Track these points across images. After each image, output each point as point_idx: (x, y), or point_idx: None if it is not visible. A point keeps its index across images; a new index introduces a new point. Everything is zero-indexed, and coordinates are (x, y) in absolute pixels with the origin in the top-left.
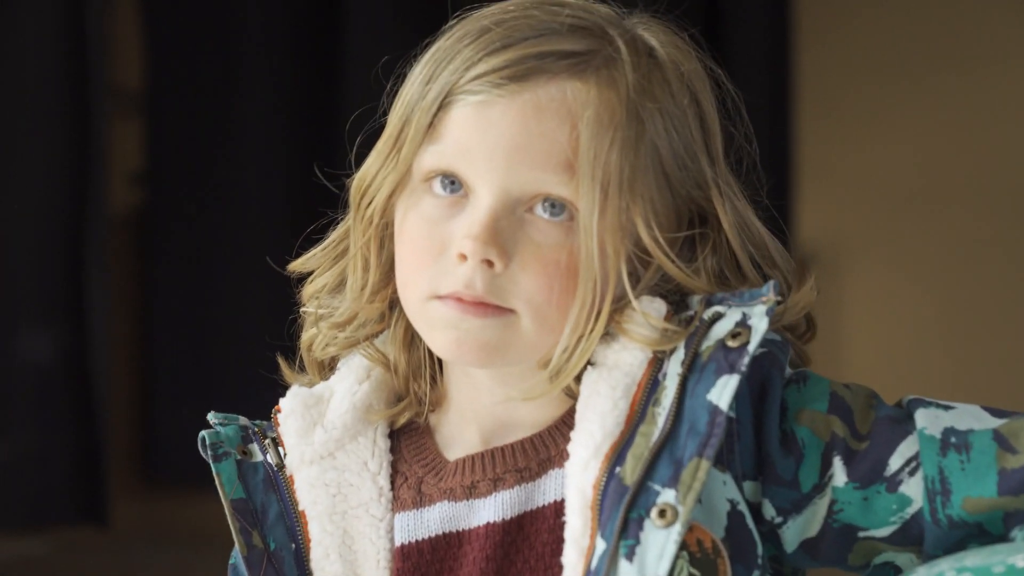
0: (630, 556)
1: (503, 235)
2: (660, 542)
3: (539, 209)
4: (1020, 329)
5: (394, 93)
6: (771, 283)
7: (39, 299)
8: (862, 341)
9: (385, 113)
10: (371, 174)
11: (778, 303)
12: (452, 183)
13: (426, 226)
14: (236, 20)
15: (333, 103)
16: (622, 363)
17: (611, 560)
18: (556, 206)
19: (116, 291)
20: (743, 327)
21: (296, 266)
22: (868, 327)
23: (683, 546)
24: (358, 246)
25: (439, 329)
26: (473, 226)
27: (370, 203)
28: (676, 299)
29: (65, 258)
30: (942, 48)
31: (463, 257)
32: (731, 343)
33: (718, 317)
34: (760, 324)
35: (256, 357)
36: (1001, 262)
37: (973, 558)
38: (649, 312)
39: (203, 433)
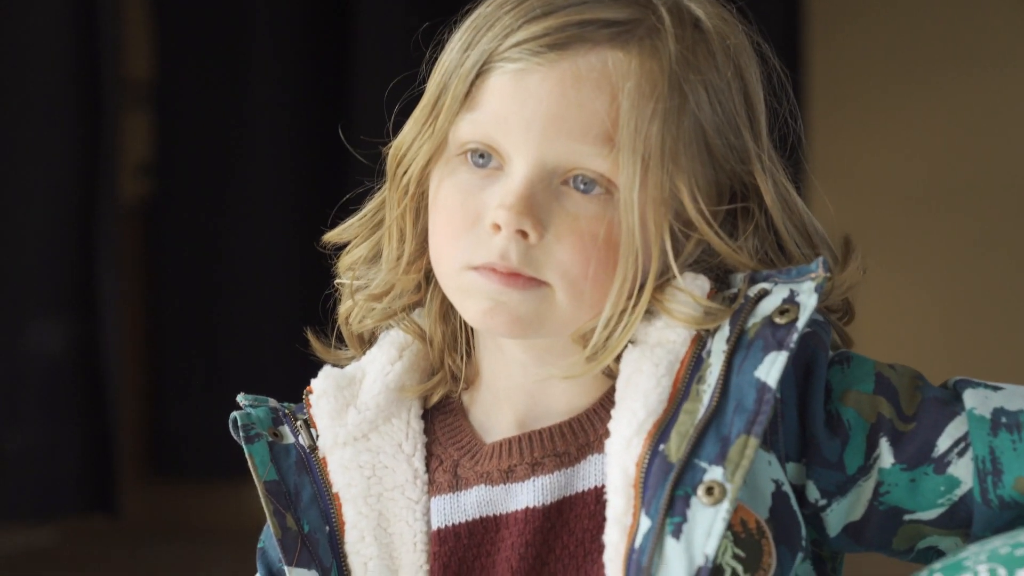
0: (676, 533)
1: (538, 206)
2: (708, 520)
3: (573, 183)
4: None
5: (433, 61)
6: (820, 259)
7: (50, 290)
8: (868, 340)
9: (424, 80)
10: (407, 143)
11: (827, 280)
12: (482, 157)
13: (460, 196)
14: (244, 12)
15: (341, 95)
16: (665, 341)
17: (657, 538)
18: (587, 183)
19: (125, 282)
20: (791, 304)
21: (332, 237)
22: (874, 326)
23: (728, 526)
24: (394, 216)
25: (473, 298)
26: (507, 196)
27: (406, 172)
28: (717, 276)
29: (75, 250)
30: (950, 49)
31: (497, 228)
32: (779, 320)
33: (765, 294)
34: (809, 301)
35: (265, 348)
36: (1007, 263)
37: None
38: (692, 290)
39: (234, 414)
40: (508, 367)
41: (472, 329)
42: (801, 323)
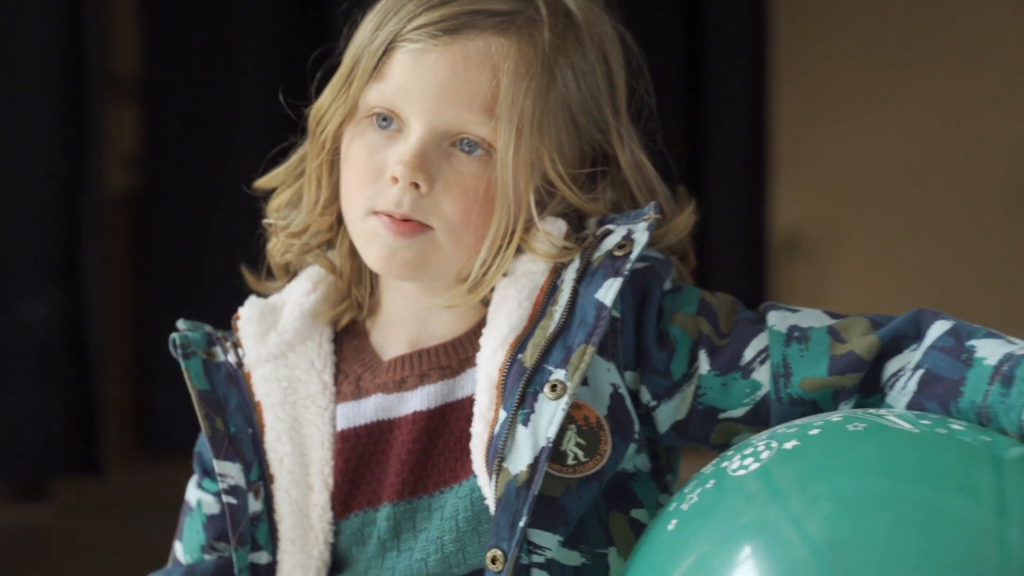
0: (526, 422)
1: (429, 163)
2: (551, 410)
3: (459, 145)
4: (998, 313)
5: (349, 37)
6: (652, 204)
7: (39, 269)
8: None
9: (341, 53)
10: (325, 106)
11: (658, 221)
12: (386, 120)
13: (367, 153)
14: (231, 6)
15: (325, 87)
16: (528, 273)
17: (510, 426)
18: (471, 145)
19: (114, 267)
20: (628, 240)
21: (261, 183)
22: (849, 311)
23: (572, 419)
24: (312, 167)
25: (372, 245)
26: (405, 154)
27: (323, 131)
28: (576, 221)
29: (63, 232)
30: (921, 39)
31: (395, 180)
32: (617, 253)
33: (608, 233)
34: (641, 237)
35: None
36: (980, 248)
37: (800, 420)
38: (551, 232)
39: (173, 335)
40: (403, 298)
41: None
42: (634, 255)
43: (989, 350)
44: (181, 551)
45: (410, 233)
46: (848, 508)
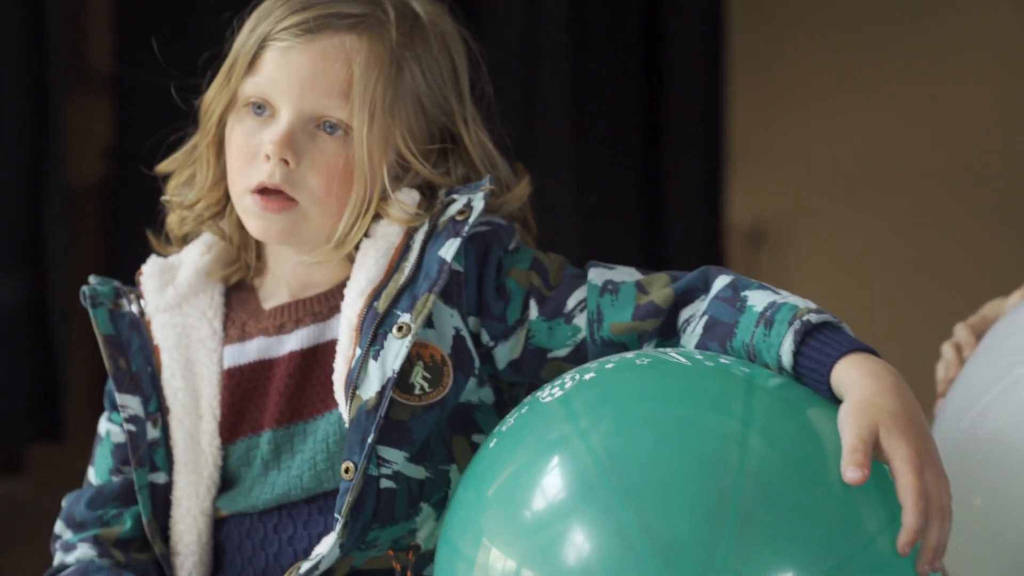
0: (376, 356)
1: (296, 142)
2: (397, 347)
3: (322, 127)
4: (952, 300)
5: (233, 39)
6: (488, 177)
7: (4, 253)
8: None
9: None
10: (211, 98)
11: (495, 192)
12: (260, 108)
13: (245, 136)
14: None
15: None
16: (386, 235)
17: (363, 361)
18: (332, 126)
19: (86, 252)
20: (467, 207)
21: (162, 167)
22: (812, 299)
23: (420, 357)
24: (201, 150)
25: (250, 218)
26: (275, 135)
27: (209, 119)
28: (430, 193)
29: (28, 217)
30: (881, 33)
31: (267, 157)
32: (458, 217)
33: (452, 201)
34: (478, 204)
35: None
36: (936, 238)
37: (604, 358)
38: (405, 201)
39: (83, 288)
40: (283, 257)
41: None
42: (472, 219)
43: (758, 299)
44: (93, 475)
45: (278, 209)
46: (624, 425)
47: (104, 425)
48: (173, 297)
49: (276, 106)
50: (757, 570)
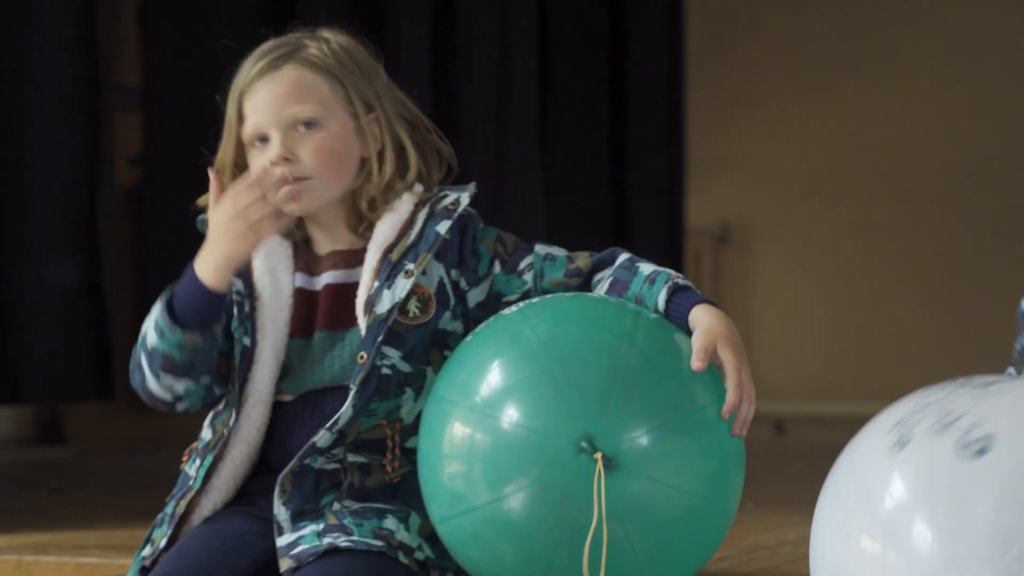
0: (388, 288)
1: (289, 145)
2: (403, 284)
3: (303, 127)
4: (903, 293)
5: (224, 98)
6: (472, 184)
7: (66, 241)
8: (770, 313)
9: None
10: (222, 150)
11: (475, 193)
12: (261, 140)
13: (259, 160)
14: (220, 25)
15: None
16: (398, 211)
17: (379, 290)
18: (307, 123)
19: (120, 246)
20: (457, 201)
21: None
22: (775, 300)
23: (415, 293)
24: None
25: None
26: (275, 147)
27: (226, 166)
28: (427, 190)
29: (84, 215)
30: (837, 40)
31: (275, 163)
32: (451, 206)
33: (446, 195)
34: (465, 200)
35: None
36: (889, 238)
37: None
38: (412, 191)
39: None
40: (324, 220)
41: None
42: (461, 208)
43: (646, 268)
44: None
45: (298, 184)
46: (557, 323)
47: None
48: (264, 249)
49: (268, 133)
50: (633, 412)
